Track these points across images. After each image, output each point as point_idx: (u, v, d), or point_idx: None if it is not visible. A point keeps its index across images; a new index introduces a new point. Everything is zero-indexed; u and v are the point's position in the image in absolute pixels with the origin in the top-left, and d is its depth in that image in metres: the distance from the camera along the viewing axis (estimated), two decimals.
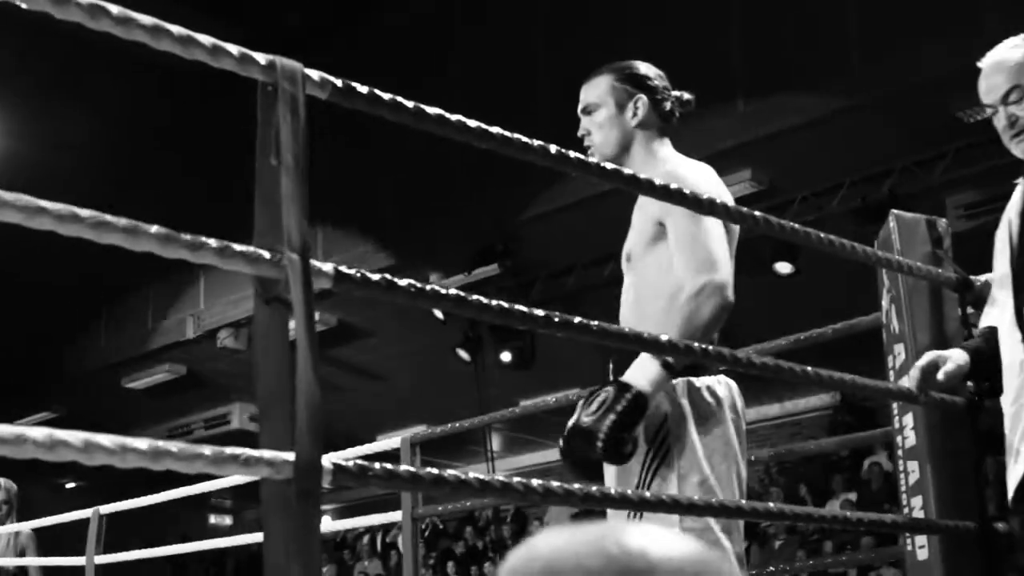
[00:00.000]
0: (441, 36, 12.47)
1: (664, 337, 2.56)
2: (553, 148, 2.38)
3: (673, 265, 3.04)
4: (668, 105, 3.28)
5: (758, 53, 10.26)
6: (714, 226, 3.02)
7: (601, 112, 3.23)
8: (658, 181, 2.58)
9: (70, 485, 20.02)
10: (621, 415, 2.78)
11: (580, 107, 3.28)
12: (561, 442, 2.89)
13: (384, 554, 17.62)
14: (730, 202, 3.12)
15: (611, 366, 3.13)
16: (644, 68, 3.28)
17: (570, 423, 2.88)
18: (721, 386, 3.03)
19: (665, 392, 2.94)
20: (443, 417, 5.60)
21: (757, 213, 2.82)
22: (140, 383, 15.06)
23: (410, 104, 2.16)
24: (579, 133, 3.28)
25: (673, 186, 2.62)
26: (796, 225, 2.93)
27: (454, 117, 2.21)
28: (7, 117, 13.02)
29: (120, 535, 6.89)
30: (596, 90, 3.26)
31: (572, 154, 2.43)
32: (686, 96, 3.32)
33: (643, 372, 2.85)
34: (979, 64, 3.06)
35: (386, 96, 2.13)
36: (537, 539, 0.92)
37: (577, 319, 2.36)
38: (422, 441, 5.16)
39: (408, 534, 5.07)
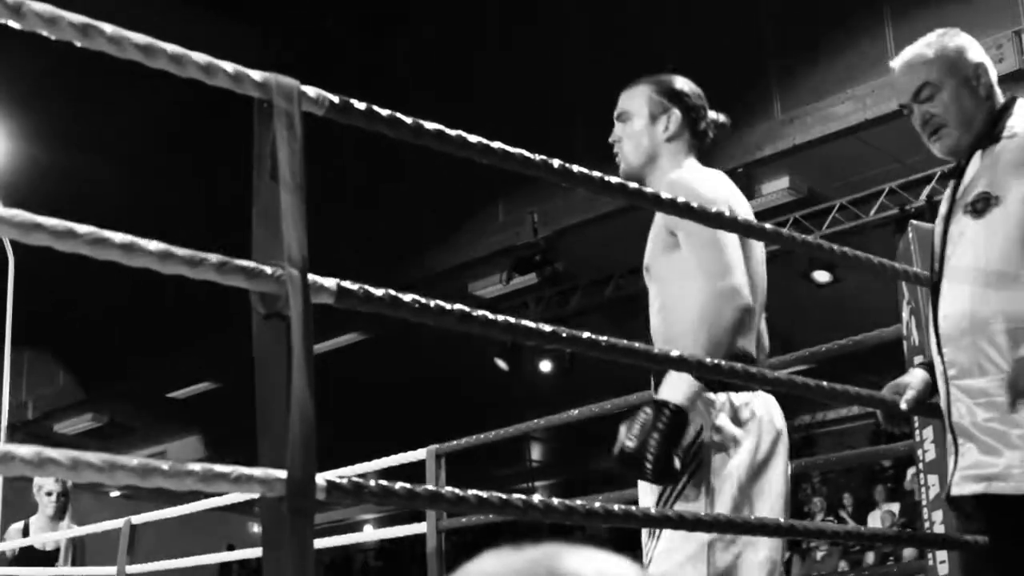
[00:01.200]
0: (475, 41, 12.49)
1: (674, 352, 2.54)
2: (556, 162, 2.37)
3: (692, 271, 3.02)
4: (703, 125, 3.26)
5: (795, 61, 10.22)
6: (718, 232, 3.00)
7: (634, 121, 3.23)
8: (664, 195, 2.57)
9: (114, 494, 20.17)
10: (664, 434, 2.76)
11: (616, 113, 3.28)
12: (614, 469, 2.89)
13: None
14: (742, 206, 3.12)
15: (653, 379, 3.11)
16: (684, 84, 3.27)
17: (615, 450, 2.85)
18: (758, 402, 2.99)
19: (702, 409, 2.92)
20: (482, 427, 5.58)
21: (768, 226, 2.80)
22: (181, 393, 15.18)
23: (408, 120, 2.16)
24: (611, 139, 3.28)
25: (680, 199, 2.60)
26: (809, 237, 2.92)
27: (454, 132, 2.21)
28: (35, 123, 13.10)
29: (164, 542, 6.92)
30: (633, 99, 3.26)
31: (576, 168, 2.41)
32: (722, 119, 3.32)
33: (677, 387, 2.83)
34: (891, 64, 3.00)
35: (384, 112, 2.13)
36: (472, 564, 0.91)
37: (586, 334, 2.33)
38: (448, 453, 5.16)
39: (433, 545, 5.07)
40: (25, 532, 7.34)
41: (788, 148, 10.29)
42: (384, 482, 1.99)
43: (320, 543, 5.92)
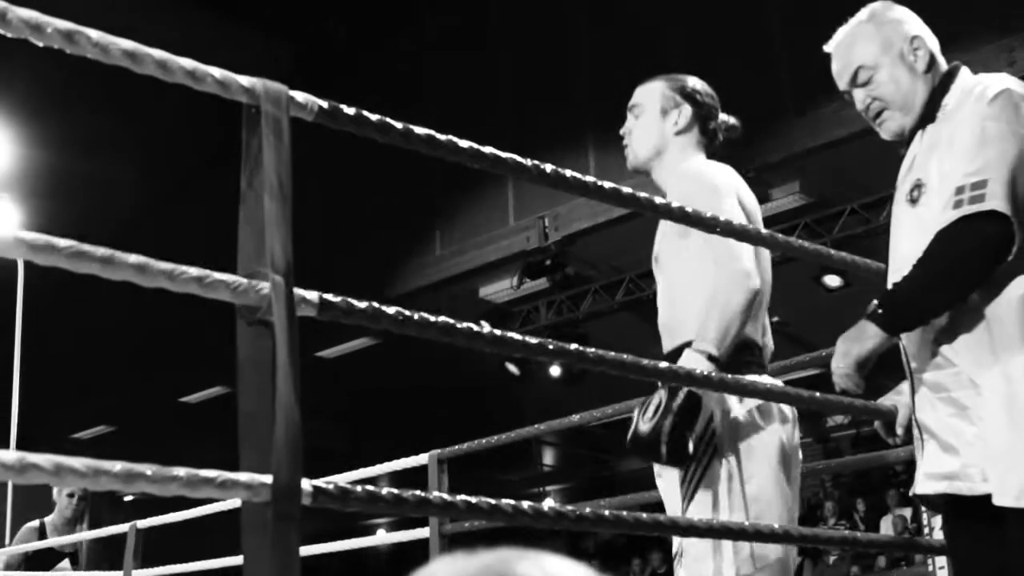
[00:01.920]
0: (480, 44, 12.48)
1: (663, 364, 2.54)
2: (548, 167, 2.37)
3: (701, 258, 3.06)
4: (712, 124, 3.32)
5: (805, 66, 10.19)
6: (732, 217, 3.02)
7: (645, 114, 3.30)
8: (659, 200, 2.57)
9: (128, 497, 20.18)
10: (677, 416, 2.81)
11: (628, 105, 3.35)
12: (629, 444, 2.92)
13: None
14: (749, 198, 3.18)
15: (664, 354, 3.14)
16: (698, 84, 3.34)
17: (630, 432, 2.90)
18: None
19: (714, 395, 2.94)
20: (494, 431, 5.54)
21: (765, 231, 2.80)
22: (194, 397, 15.19)
23: (399, 125, 2.16)
24: (621, 131, 3.35)
25: (675, 204, 2.60)
26: (807, 243, 2.93)
27: (443, 137, 2.21)
28: (53, 129, 13.12)
29: (189, 546, 6.87)
30: (646, 93, 3.33)
31: (569, 173, 2.42)
32: (732, 121, 3.38)
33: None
34: (825, 48, 2.87)
35: (373, 117, 2.13)
36: (423, 569, 0.91)
37: (574, 346, 2.33)
38: (454, 457, 5.15)
39: (436, 550, 5.07)
40: (41, 532, 7.33)
41: (798, 152, 10.26)
42: (371, 487, 1.99)
43: (323, 548, 5.92)
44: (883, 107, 2.77)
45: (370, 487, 1.99)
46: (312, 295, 2.00)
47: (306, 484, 1.89)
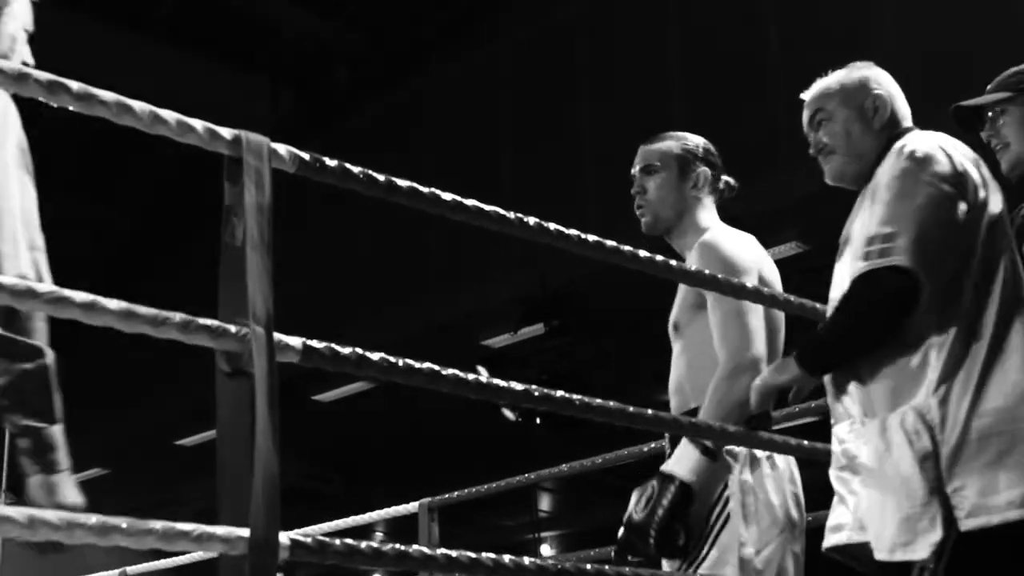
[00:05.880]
0: (490, 90, 12.52)
1: (648, 412, 2.54)
2: (532, 220, 2.38)
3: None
4: (721, 184, 3.32)
5: (801, 111, 10.22)
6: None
7: (663, 174, 3.24)
8: (643, 253, 2.58)
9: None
10: (669, 508, 2.83)
11: (640, 165, 3.28)
12: (618, 540, 2.93)
13: None
14: (770, 268, 3.19)
15: (667, 445, 3.15)
16: (706, 143, 3.33)
17: (624, 518, 2.90)
18: (780, 456, 3.02)
19: (727, 462, 2.94)
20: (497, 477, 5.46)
21: (781, 296, 2.85)
22: (191, 440, 15.11)
23: (381, 177, 2.17)
24: (633, 190, 3.29)
25: (691, 267, 2.63)
26: (819, 305, 2.97)
27: (426, 190, 2.21)
28: (42, 174, 13.16)
29: None
30: (659, 152, 3.28)
31: (552, 226, 2.43)
32: (732, 181, 3.37)
33: (684, 461, 2.87)
34: (801, 95, 2.94)
35: (356, 169, 2.14)
36: None
37: (559, 393, 2.34)
38: (441, 506, 5.12)
39: None
40: None
41: (795, 200, 10.26)
42: (350, 540, 1.98)
43: None
44: (831, 151, 2.83)
45: (349, 540, 1.98)
46: (295, 341, 2.00)
47: (283, 537, 1.88)
